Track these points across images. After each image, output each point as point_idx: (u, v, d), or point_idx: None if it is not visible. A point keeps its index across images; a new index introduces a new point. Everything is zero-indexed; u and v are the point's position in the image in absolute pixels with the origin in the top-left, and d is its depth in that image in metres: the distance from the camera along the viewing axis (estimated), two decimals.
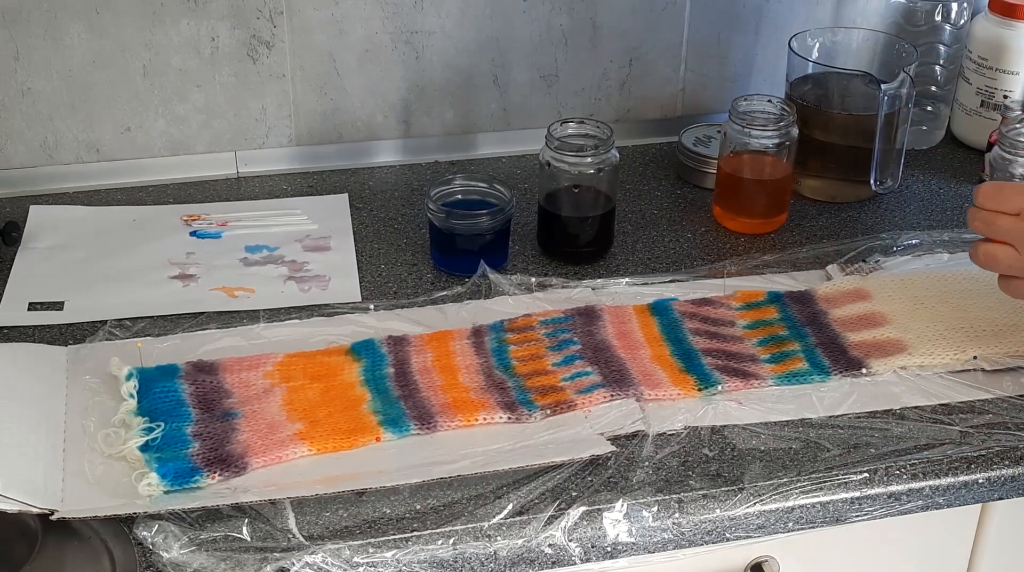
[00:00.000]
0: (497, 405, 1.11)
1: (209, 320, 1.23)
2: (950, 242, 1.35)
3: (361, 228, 1.39)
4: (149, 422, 1.06)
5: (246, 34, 1.42)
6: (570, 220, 1.32)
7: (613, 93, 1.55)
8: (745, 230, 1.38)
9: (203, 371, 1.14)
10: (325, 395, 1.12)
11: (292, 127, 1.49)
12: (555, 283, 1.28)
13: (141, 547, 0.96)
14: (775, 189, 1.38)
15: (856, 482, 1.05)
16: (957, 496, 1.07)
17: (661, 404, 1.12)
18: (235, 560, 0.95)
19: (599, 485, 1.03)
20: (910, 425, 1.11)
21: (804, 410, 1.12)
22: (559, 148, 1.29)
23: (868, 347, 1.19)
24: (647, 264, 1.33)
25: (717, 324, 1.23)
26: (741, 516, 1.03)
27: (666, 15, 1.53)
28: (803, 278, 1.30)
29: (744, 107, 1.36)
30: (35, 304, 1.25)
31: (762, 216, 1.38)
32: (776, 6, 1.55)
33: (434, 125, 1.52)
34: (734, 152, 1.36)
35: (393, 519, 0.99)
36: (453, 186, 1.32)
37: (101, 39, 1.39)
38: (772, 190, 1.38)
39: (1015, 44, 1.50)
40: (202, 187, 1.46)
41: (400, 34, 1.46)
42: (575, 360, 1.17)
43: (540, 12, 1.49)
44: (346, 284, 1.29)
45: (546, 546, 0.99)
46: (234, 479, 1.03)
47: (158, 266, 1.31)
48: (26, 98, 1.40)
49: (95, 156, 1.45)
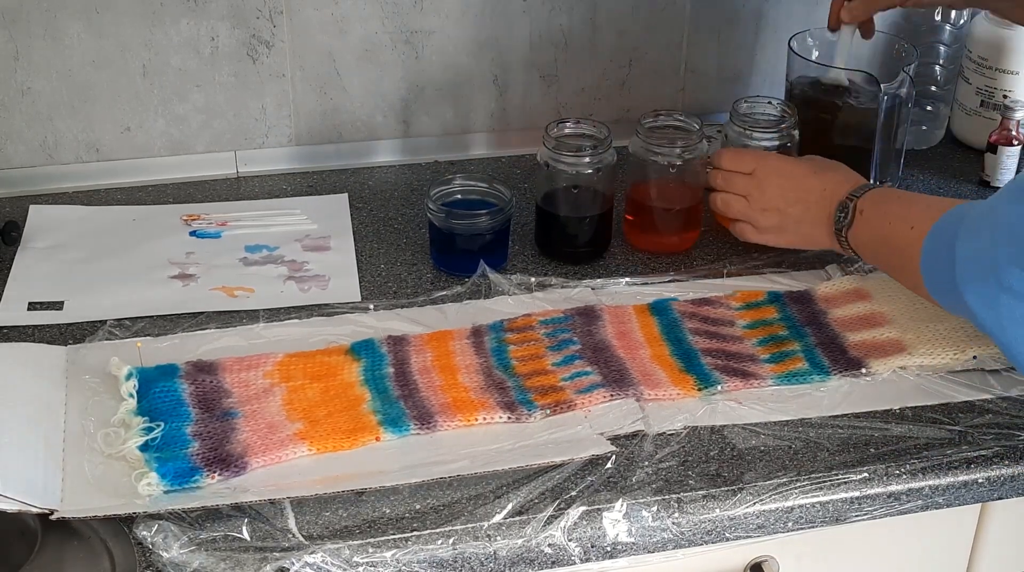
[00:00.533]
0: (497, 405, 1.11)
1: (209, 320, 1.23)
2: None
3: (361, 228, 1.39)
4: (149, 422, 1.06)
5: (246, 34, 1.42)
6: (568, 220, 1.32)
7: (613, 93, 1.55)
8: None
9: (203, 371, 1.13)
10: (325, 395, 1.12)
11: (292, 127, 1.49)
12: (555, 283, 1.28)
13: (141, 547, 0.96)
14: None
15: (856, 482, 1.05)
16: (957, 496, 1.07)
17: (661, 404, 1.12)
18: (235, 560, 0.95)
19: (599, 485, 1.03)
20: (910, 425, 1.11)
21: (804, 410, 1.12)
22: (556, 148, 1.29)
23: (868, 347, 1.19)
24: (647, 264, 1.33)
25: (717, 324, 1.23)
26: (741, 516, 1.03)
27: (666, 15, 1.53)
28: (803, 278, 1.30)
29: (745, 109, 1.36)
30: (35, 304, 1.25)
31: None
32: (776, 6, 1.55)
33: (434, 125, 1.52)
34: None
35: (393, 519, 0.99)
36: (453, 186, 1.32)
37: (101, 39, 1.39)
38: None
39: (1015, 44, 1.49)
40: (202, 187, 1.46)
41: (400, 34, 1.46)
42: (575, 360, 1.17)
43: (540, 12, 1.49)
44: (346, 284, 1.29)
45: (546, 546, 0.99)
46: (234, 479, 1.02)
47: (158, 266, 1.31)
48: (26, 98, 1.40)
49: (95, 156, 1.45)
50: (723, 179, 1.32)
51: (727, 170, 1.31)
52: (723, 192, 1.32)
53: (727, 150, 1.34)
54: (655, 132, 1.32)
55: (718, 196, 1.32)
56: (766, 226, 1.29)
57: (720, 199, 1.32)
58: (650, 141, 1.31)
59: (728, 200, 1.31)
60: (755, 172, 1.29)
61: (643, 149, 1.32)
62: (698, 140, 1.32)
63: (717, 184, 1.32)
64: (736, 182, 1.30)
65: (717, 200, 1.33)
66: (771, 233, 1.29)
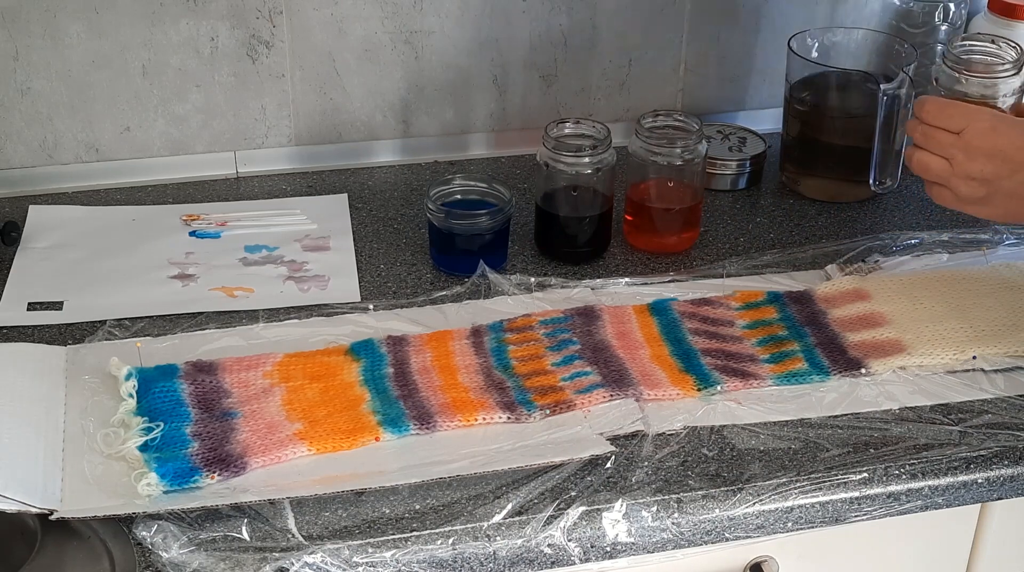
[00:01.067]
0: (496, 405, 1.11)
1: (208, 320, 1.23)
2: (949, 242, 1.35)
3: (360, 228, 1.39)
4: (148, 422, 1.06)
5: (246, 34, 1.42)
6: (568, 220, 1.32)
7: (612, 93, 1.55)
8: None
9: (202, 371, 1.13)
10: (324, 395, 1.12)
11: (291, 127, 1.49)
12: (554, 283, 1.28)
13: (140, 547, 0.96)
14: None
15: (855, 482, 1.05)
16: (956, 496, 1.07)
17: (660, 404, 1.12)
18: (234, 560, 0.95)
19: (598, 485, 1.03)
20: (910, 425, 1.11)
21: (803, 410, 1.12)
22: (556, 148, 1.29)
23: (867, 347, 1.19)
24: (646, 264, 1.33)
25: (716, 324, 1.23)
26: (740, 516, 1.03)
27: (666, 15, 1.53)
28: (802, 278, 1.30)
29: (960, 50, 1.29)
30: (34, 304, 1.25)
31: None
32: (776, 6, 1.55)
33: (433, 125, 1.52)
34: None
35: (392, 519, 0.99)
36: (452, 186, 1.32)
37: (100, 39, 1.39)
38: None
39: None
40: (201, 187, 1.46)
41: (399, 34, 1.46)
42: (574, 360, 1.17)
43: (540, 12, 1.49)
44: (345, 284, 1.29)
45: (545, 546, 0.99)
46: (233, 479, 1.02)
47: (157, 266, 1.31)
48: (25, 98, 1.40)
49: (94, 156, 1.45)
50: (923, 134, 1.16)
51: (929, 125, 1.16)
52: (922, 150, 1.17)
53: (931, 99, 1.18)
54: (655, 132, 1.32)
55: (915, 153, 1.17)
56: (969, 196, 1.14)
57: (917, 158, 1.17)
58: (650, 141, 1.31)
59: (926, 161, 1.16)
60: (964, 132, 1.13)
61: (643, 149, 1.31)
62: (698, 140, 1.32)
63: (916, 138, 1.17)
64: (939, 140, 1.15)
65: (913, 158, 1.18)
66: (974, 204, 1.15)
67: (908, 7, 1.53)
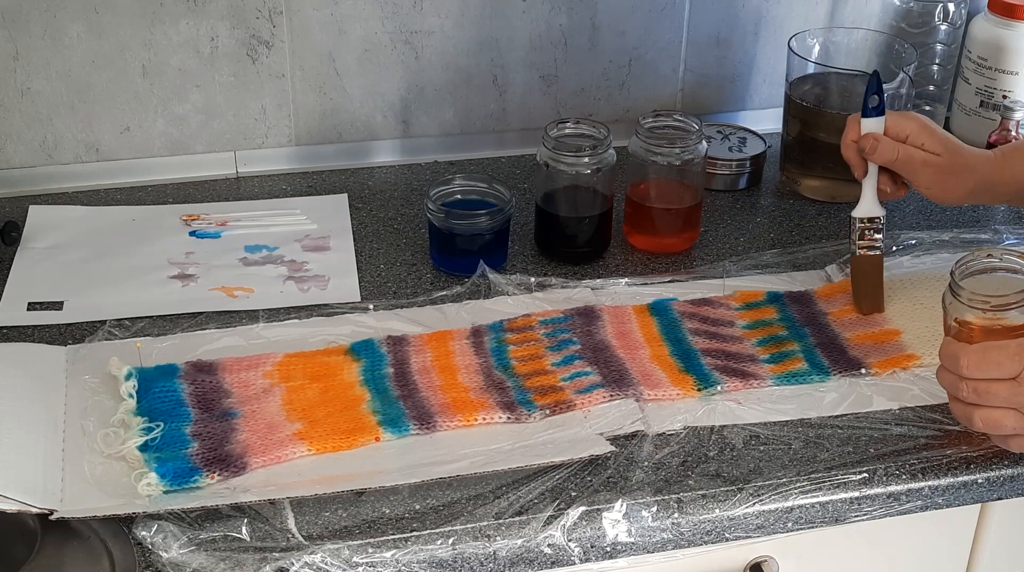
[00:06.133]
0: (496, 405, 1.11)
1: (208, 320, 1.23)
2: (950, 242, 1.35)
3: (360, 228, 1.39)
4: (148, 422, 1.06)
5: (245, 34, 1.42)
6: (568, 220, 1.32)
7: (612, 93, 1.55)
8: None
9: (202, 371, 1.14)
10: (324, 395, 1.12)
11: (291, 127, 1.49)
12: (554, 283, 1.28)
13: (140, 547, 0.96)
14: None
15: (855, 482, 1.05)
16: (956, 496, 1.07)
17: (660, 404, 1.12)
18: (234, 560, 0.95)
19: (598, 485, 1.03)
20: (910, 425, 1.11)
21: (803, 410, 1.12)
22: (556, 148, 1.29)
23: (867, 347, 1.19)
24: (646, 264, 1.33)
25: (716, 324, 1.23)
26: (740, 516, 1.03)
27: (666, 15, 1.53)
28: (802, 278, 1.30)
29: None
30: (34, 304, 1.25)
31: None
32: (776, 6, 1.55)
33: (433, 125, 1.52)
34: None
35: (392, 519, 0.99)
36: (452, 186, 1.32)
37: (100, 39, 1.39)
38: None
39: (1015, 44, 1.50)
40: (201, 187, 1.46)
41: (399, 34, 1.46)
42: (574, 360, 1.17)
43: (539, 12, 1.49)
44: (345, 284, 1.29)
45: (545, 546, 0.99)
46: (233, 479, 1.02)
47: (157, 266, 1.31)
48: (25, 98, 1.40)
49: (94, 156, 1.45)
50: (975, 391, 1.01)
51: (975, 379, 1.01)
52: (982, 407, 1.01)
53: (964, 350, 1.01)
54: (654, 132, 1.32)
55: (975, 411, 1.01)
56: None
57: (982, 417, 1.01)
58: (649, 141, 1.31)
59: (996, 417, 1.01)
60: (1022, 376, 0.98)
61: (643, 149, 1.31)
62: (698, 140, 1.32)
63: (964, 396, 1.01)
64: (997, 393, 1.00)
65: (975, 417, 1.02)
66: None
67: (908, 7, 1.53)
